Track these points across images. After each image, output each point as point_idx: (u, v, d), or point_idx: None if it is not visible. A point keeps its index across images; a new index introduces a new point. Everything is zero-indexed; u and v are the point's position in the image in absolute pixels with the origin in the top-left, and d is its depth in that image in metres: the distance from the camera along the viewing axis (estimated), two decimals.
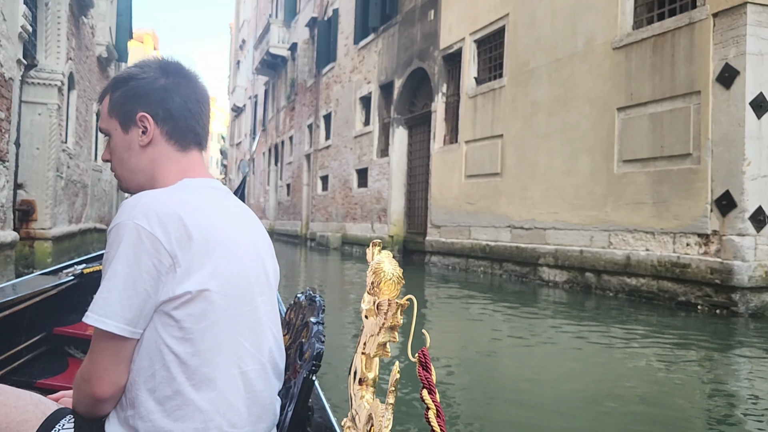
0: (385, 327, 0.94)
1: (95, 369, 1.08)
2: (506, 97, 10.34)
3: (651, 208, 7.36)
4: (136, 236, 1.04)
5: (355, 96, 17.47)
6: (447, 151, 12.28)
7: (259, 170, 33.98)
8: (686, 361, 4.71)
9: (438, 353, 4.71)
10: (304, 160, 23.14)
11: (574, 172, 8.69)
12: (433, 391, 0.84)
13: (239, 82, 43.28)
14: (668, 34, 7.21)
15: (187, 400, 1.08)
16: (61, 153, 8.90)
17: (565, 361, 4.73)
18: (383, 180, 15.29)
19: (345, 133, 18.27)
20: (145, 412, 1.08)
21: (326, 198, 19.83)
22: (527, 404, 3.54)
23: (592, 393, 3.82)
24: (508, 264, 10.06)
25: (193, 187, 1.20)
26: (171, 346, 1.07)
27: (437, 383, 0.87)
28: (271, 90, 30.98)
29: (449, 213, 11.99)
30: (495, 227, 10.51)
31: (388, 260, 1.01)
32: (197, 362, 1.08)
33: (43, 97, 8.15)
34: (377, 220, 15.52)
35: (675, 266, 6.92)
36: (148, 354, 1.08)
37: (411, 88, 14.58)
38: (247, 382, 1.15)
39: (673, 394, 3.76)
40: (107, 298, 1.04)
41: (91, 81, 11.74)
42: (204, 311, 1.08)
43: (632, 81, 7.71)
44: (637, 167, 7.60)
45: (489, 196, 10.72)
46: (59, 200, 8.91)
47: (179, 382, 1.08)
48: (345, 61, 18.59)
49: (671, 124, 7.12)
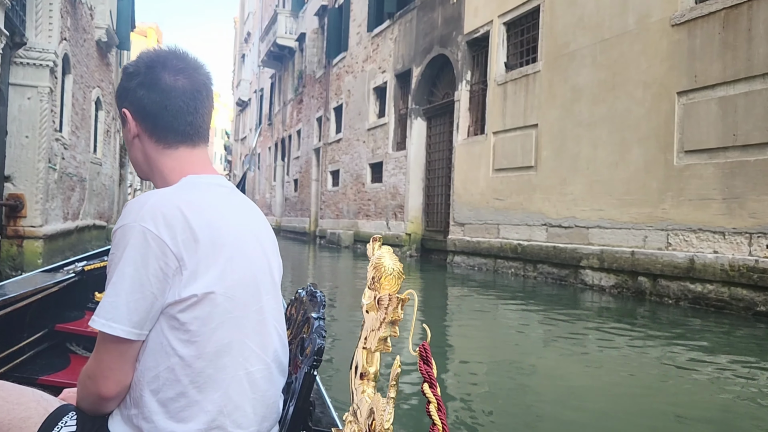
0: (386, 322, 0.96)
1: (101, 369, 1.08)
2: (542, 83, 9.45)
3: (720, 204, 6.47)
4: (143, 239, 1.04)
5: (369, 86, 16.58)
6: (472, 143, 11.39)
7: (264, 165, 33.12)
8: None
9: (463, 364, 4.28)
10: (312, 155, 22.26)
11: (623, 164, 7.80)
12: (434, 384, 0.84)
13: (244, 75, 42.42)
14: (743, 6, 6.31)
15: (191, 402, 1.08)
16: (54, 142, 8.04)
17: (615, 377, 3.94)
18: (399, 174, 14.41)
19: (357, 126, 17.39)
20: (148, 412, 1.08)
21: (337, 194, 18.96)
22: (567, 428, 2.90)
23: (650, 419, 3.08)
24: (543, 265, 9.19)
25: (198, 185, 1.19)
26: (176, 348, 1.07)
27: (439, 377, 0.93)
28: (278, 83, 30.11)
29: (475, 210, 11.12)
30: (528, 225, 9.63)
31: (389, 255, 1.02)
32: (202, 364, 1.08)
33: (33, 79, 7.29)
34: (393, 217, 14.64)
35: (752, 271, 6.03)
36: (153, 355, 1.08)
37: (430, 76, 13.69)
38: (252, 383, 1.15)
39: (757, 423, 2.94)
40: (114, 301, 1.04)
41: (89, 66, 10.87)
42: (210, 314, 1.08)
43: (696, 61, 6.81)
44: (703, 158, 6.71)
45: (521, 192, 9.85)
46: (52, 194, 8.05)
47: (184, 384, 1.07)
48: (357, 50, 17.70)
49: (747, 108, 6.22)
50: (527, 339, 5.43)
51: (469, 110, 11.85)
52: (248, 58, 41.71)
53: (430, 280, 10.75)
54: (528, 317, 6.59)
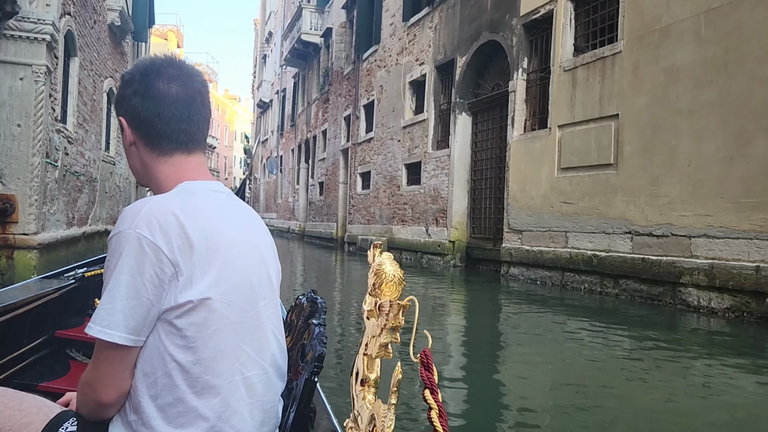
0: (387, 328, 0.96)
1: (99, 376, 1.08)
2: (624, 66, 8.03)
3: None
4: (138, 246, 1.03)
5: (404, 80, 15.23)
6: (531, 139, 9.99)
7: (287, 168, 31.93)
8: None
9: (520, 398, 3.68)
10: (340, 156, 20.97)
11: (741, 159, 6.36)
12: (435, 391, 0.84)
13: (265, 76, 41.37)
14: None
15: (189, 408, 1.08)
16: (55, 134, 6.81)
17: None
18: (441, 176, 13.03)
19: (391, 124, 16.04)
20: (147, 418, 1.08)
21: (368, 197, 17.61)
22: None
23: None
24: (627, 281, 7.75)
25: (194, 191, 1.18)
26: (173, 354, 1.07)
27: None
28: (301, 82, 28.91)
29: (535, 215, 9.71)
30: (606, 233, 8.21)
31: (390, 262, 1.02)
32: (199, 370, 1.08)
33: (27, 55, 6.05)
34: (434, 223, 13.26)
35: None
36: (150, 361, 1.08)
37: (477, 66, 12.31)
38: (249, 388, 1.14)
39: None
40: (111, 308, 1.04)
41: (100, 52, 9.66)
42: (206, 319, 1.08)
43: None
44: None
45: (596, 194, 8.42)
46: (51, 196, 6.81)
47: (181, 389, 1.08)
48: (391, 42, 16.38)
49: None
50: (610, 369, 4.46)
51: (525, 102, 10.45)
52: (269, 59, 40.68)
53: (480, 294, 9.39)
54: (610, 342, 5.40)
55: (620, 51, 8.10)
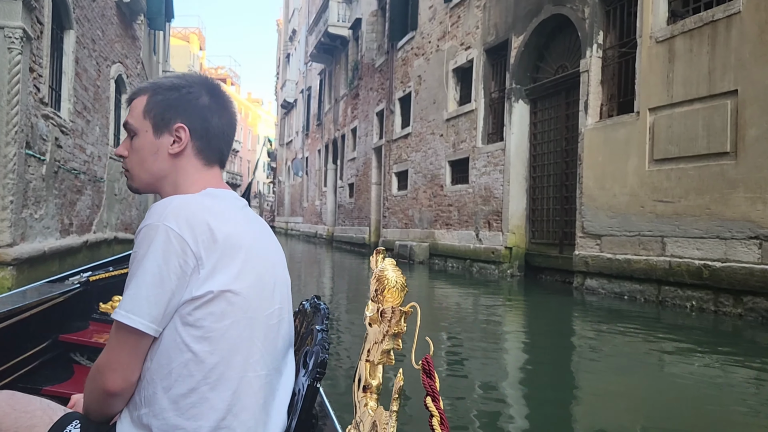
0: (389, 334, 0.96)
1: (110, 361, 1.11)
2: (744, 30, 6.44)
3: None
4: (165, 237, 1.07)
5: (447, 68, 13.71)
6: (612, 127, 8.41)
7: (313, 170, 30.56)
8: None
9: None
10: (372, 155, 19.50)
11: None
12: (436, 398, 0.84)
13: (289, 76, 40.15)
14: None
15: (202, 398, 1.10)
16: (40, 120, 5.43)
17: None
18: (494, 173, 11.48)
19: (432, 117, 14.53)
20: (159, 410, 1.10)
21: (405, 199, 16.11)
22: None
23: None
24: (754, 299, 6.16)
25: (217, 196, 1.24)
26: (189, 344, 1.09)
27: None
28: (327, 79, 27.54)
29: (619, 216, 8.12)
30: (722, 238, 6.60)
31: (392, 268, 1.02)
32: (215, 360, 1.10)
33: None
34: (485, 227, 11.70)
35: None
36: (166, 352, 1.10)
37: (537, 46, 10.76)
38: (260, 386, 1.16)
39: None
40: (136, 294, 1.07)
41: (105, 32, 8.31)
42: (224, 311, 1.11)
43: None
44: None
45: (706, 190, 6.83)
46: (37, 197, 5.44)
47: (196, 379, 1.10)
48: (430, 27, 14.87)
49: None
50: (728, 414, 3.46)
51: (601, 84, 8.87)
52: (293, 57, 39.45)
53: (546, 310, 7.90)
54: (730, 377, 4.26)
55: (739, 11, 6.50)
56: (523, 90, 10.98)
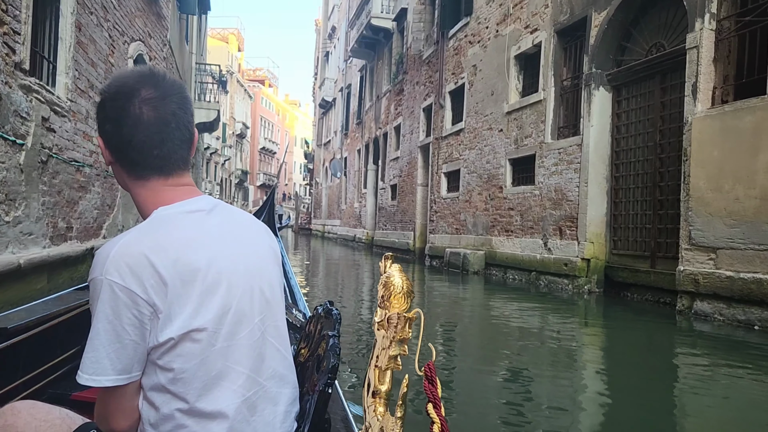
0: (396, 340, 0.96)
1: (107, 412, 1.10)
2: None
3: None
4: (111, 292, 1.03)
5: (508, 55, 12.17)
6: (734, 114, 6.79)
7: (352, 171, 29.23)
8: None
9: None
10: (418, 153, 18.02)
11: None
12: (438, 405, 0.83)
13: (328, 74, 38.98)
14: None
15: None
16: (17, 90, 4.15)
17: None
18: (568, 172, 9.90)
19: (489, 110, 13.00)
20: None
21: (456, 201, 14.60)
22: None
23: None
24: None
25: (167, 218, 1.14)
26: (165, 385, 1.07)
27: None
28: (369, 75, 26.19)
29: (745, 224, 6.50)
30: None
31: (399, 274, 1.00)
32: (193, 398, 1.08)
33: None
34: (555, 234, 10.13)
35: None
36: (149, 391, 1.09)
37: (622, 24, 9.16)
38: (251, 407, 1.14)
39: None
40: (95, 356, 1.04)
41: (123, 1, 7.03)
42: (191, 350, 1.07)
43: None
44: None
45: None
46: (11, 193, 4.14)
47: (177, 417, 1.08)
48: (488, 10, 13.36)
49: None
50: None
51: (714, 62, 7.26)
52: (333, 55, 38.28)
53: (639, 338, 6.47)
54: None
55: None
56: (605, 75, 9.39)
